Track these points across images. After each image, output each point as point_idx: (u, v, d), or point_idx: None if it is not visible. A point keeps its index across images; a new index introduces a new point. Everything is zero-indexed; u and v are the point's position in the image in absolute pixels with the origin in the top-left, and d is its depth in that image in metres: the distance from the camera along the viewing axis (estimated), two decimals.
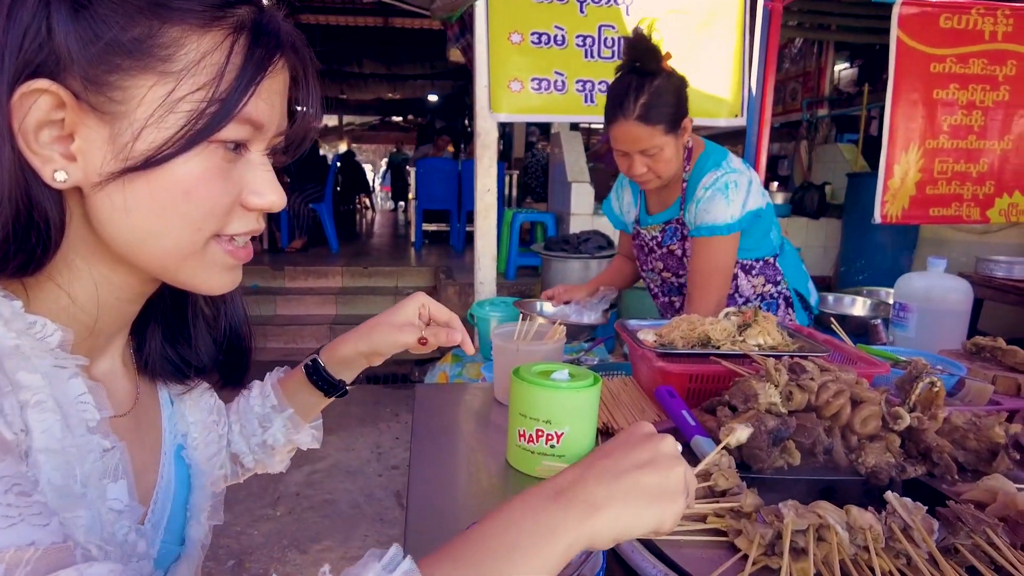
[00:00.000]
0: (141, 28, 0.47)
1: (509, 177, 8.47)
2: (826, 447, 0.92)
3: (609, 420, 1.12)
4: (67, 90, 0.47)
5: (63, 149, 0.49)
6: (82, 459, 0.51)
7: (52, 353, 0.51)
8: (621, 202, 2.03)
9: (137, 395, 0.66)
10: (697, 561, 0.68)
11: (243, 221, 0.56)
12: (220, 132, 0.50)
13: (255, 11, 0.53)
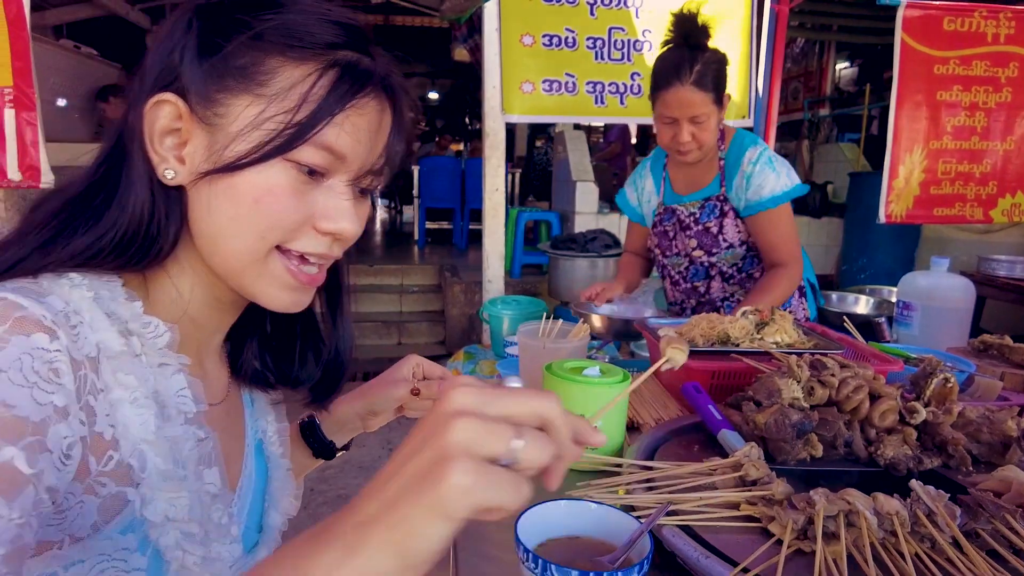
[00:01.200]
0: (249, 57, 0.55)
1: (512, 176, 8.52)
2: (846, 440, 0.96)
3: (634, 415, 1.16)
4: (186, 104, 0.55)
5: (177, 153, 0.56)
6: (180, 447, 0.56)
7: (160, 352, 0.57)
8: (639, 192, 2.04)
9: (228, 391, 0.71)
10: (733, 545, 0.72)
11: (311, 242, 0.60)
12: (294, 153, 0.55)
13: (355, 55, 0.58)
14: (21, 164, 3.05)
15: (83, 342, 0.51)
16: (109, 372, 0.52)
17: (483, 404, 0.40)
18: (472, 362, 2.84)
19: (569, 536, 0.73)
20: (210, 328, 0.67)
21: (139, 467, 0.53)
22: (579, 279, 3.89)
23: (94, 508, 0.50)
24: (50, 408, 0.46)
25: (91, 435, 0.50)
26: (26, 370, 0.45)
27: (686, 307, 2.01)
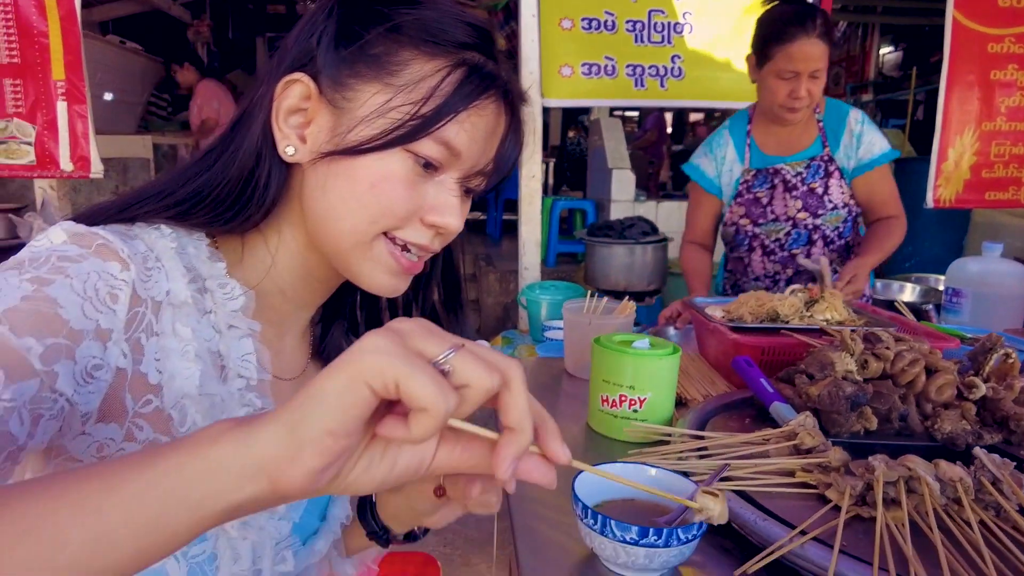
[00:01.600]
0: (384, 47, 0.57)
1: (545, 165, 8.49)
2: (902, 413, 0.95)
3: (682, 391, 1.16)
4: (316, 86, 0.58)
5: (300, 131, 0.59)
6: (231, 410, 0.57)
7: (231, 314, 0.58)
8: (718, 161, 1.94)
9: (305, 369, 0.72)
10: (789, 510, 0.72)
11: (416, 232, 0.61)
12: (414, 144, 0.57)
13: (482, 58, 0.59)
14: (73, 155, 3.16)
15: (153, 284, 0.53)
16: (169, 319, 0.54)
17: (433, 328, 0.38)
18: (510, 347, 2.86)
19: (625, 499, 0.73)
20: (297, 302, 0.68)
21: (179, 420, 0.53)
22: (616, 266, 3.87)
23: None
24: (92, 325, 0.47)
25: (133, 371, 0.51)
26: (88, 285, 0.48)
27: (780, 279, 1.93)
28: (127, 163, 4.54)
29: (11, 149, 3.09)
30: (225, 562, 0.56)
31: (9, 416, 0.41)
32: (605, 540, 0.63)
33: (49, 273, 0.47)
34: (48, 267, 0.47)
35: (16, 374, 0.42)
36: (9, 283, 0.45)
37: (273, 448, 0.33)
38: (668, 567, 0.65)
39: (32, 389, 0.43)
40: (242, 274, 0.62)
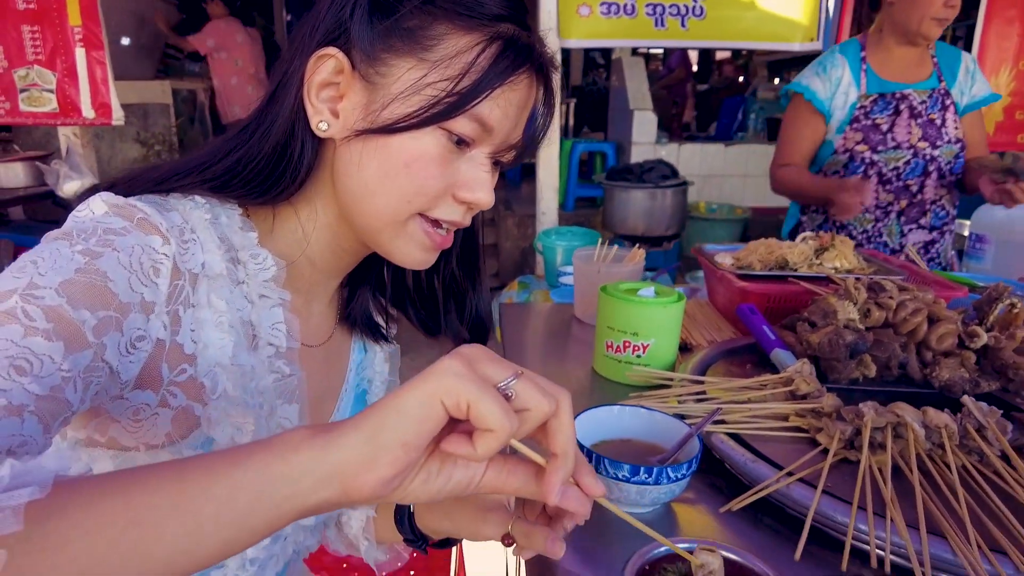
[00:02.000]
0: (418, 20, 0.56)
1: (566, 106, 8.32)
2: (901, 361, 0.97)
3: (687, 337, 1.19)
4: (349, 60, 0.57)
5: (332, 106, 0.58)
6: (262, 376, 0.60)
7: (263, 284, 0.60)
8: (832, 83, 1.85)
9: (332, 335, 0.74)
10: (780, 452, 0.75)
11: (449, 209, 0.61)
12: (450, 122, 0.56)
13: (516, 29, 0.58)
14: (94, 102, 3.17)
15: (190, 257, 0.54)
16: (204, 291, 0.55)
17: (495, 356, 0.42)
18: (526, 291, 2.89)
19: (622, 439, 0.77)
20: (326, 271, 0.69)
21: (211, 388, 0.56)
22: (635, 211, 3.84)
23: (168, 419, 0.55)
24: (138, 298, 0.49)
25: (170, 342, 0.53)
26: (133, 258, 0.49)
27: (891, 210, 1.86)
28: (147, 109, 4.55)
29: (33, 97, 3.13)
30: None
31: (67, 385, 0.43)
32: (600, 477, 0.67)
33: (98, 246, 0.48)
34: (96, 239, 0.48)
35: (73, 346, 0.44)
36: (62, 254, 0.46)
37: (351, 455, 0.36)
38: (659, 503, 0.69)
39: (87, 359, 0.45)
40: (273, 244, 0.63)
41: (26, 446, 0.40)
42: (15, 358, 0.41)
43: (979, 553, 0.57)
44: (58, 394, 0.43)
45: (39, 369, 0.42)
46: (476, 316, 0.77)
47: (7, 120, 3.18)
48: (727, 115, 6.76)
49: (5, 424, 0.39)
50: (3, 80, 3.14)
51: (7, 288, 0.44)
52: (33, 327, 0.42)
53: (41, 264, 0.45)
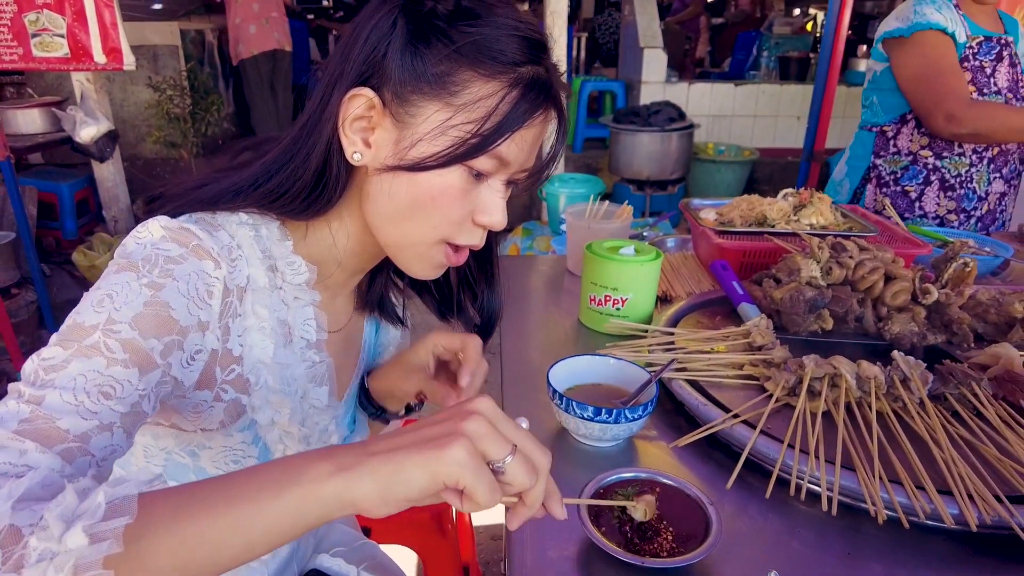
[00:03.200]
0: (445, 67, 0.61)
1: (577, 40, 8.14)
2: (857, 316, 1.06)
3: (668, 288, 1.28)
4: (380, 99, 0.63)
5: (364, 137, 0.64)
6: (296, 366, 0.71)
7: (297, 287, 0.69)
8: (949, 21, 1.76)
9: (351, 319, 0.84)
10: (732, 398, 0.87)
11: (469, 235, 0.68)
12: (473, 161, 0.62)
13: (537, 70, 0.63)
14: (104, 47, 3.21)
15: (238, 273, 0.63)
16: (250, 302, 0.64)
17: (498, 420, 0.48)
18: (530, 238, 2.98)
19: (593, 383, 0.89)
20: (351, 271, 0.77)
21: (255, 382, 0.66)
22: (641, 155, 3.87)
23: (220, 411, 0.65)
24: (195, 320, 0.58)
25: (222, 349, 0.62)
26: (191, 286, 0.58)
27: (984, 156, 1.81)
28: (156, 51, 4.56)
29: (45, 42, 3.17)
30: None
31: (143, 400, 0.54)
32: (568, 416, 0.79)
33: (160, 277, 0.56)
34: (159, 271, 0.57)
35: (146, 369, 0.54)
36: (131, 288, 0.55)
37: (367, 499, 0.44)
38: (620, 439, 0.81)
39: (157, 378, 0.55)
40: (305, 250, 0.71)
41: (115, 453, 0.52)
42: (102, 385, 0.51)
43: (880, 484, 0.68)
44: (137, 409, 0.53)
45: (121, 392, 0.52)
46: (488, 307, 0.86)
47: (21, 65, 3.23)
48: (741, 50, 6.62)
49: (100, 439, 0.50)
50: (14, 25, 3.17)
51: (91, 323, 0.53)
52: (114, 358, 0.52)
53: (116, 298, 0.54)
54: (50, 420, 0.48)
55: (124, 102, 4.66)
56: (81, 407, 0.50)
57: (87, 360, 0.51)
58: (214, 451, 0.69)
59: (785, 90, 5.22)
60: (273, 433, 0.70)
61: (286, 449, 0.72)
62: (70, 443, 0.48)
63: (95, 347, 0.52)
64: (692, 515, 0.65)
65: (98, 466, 0.50)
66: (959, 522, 0.65)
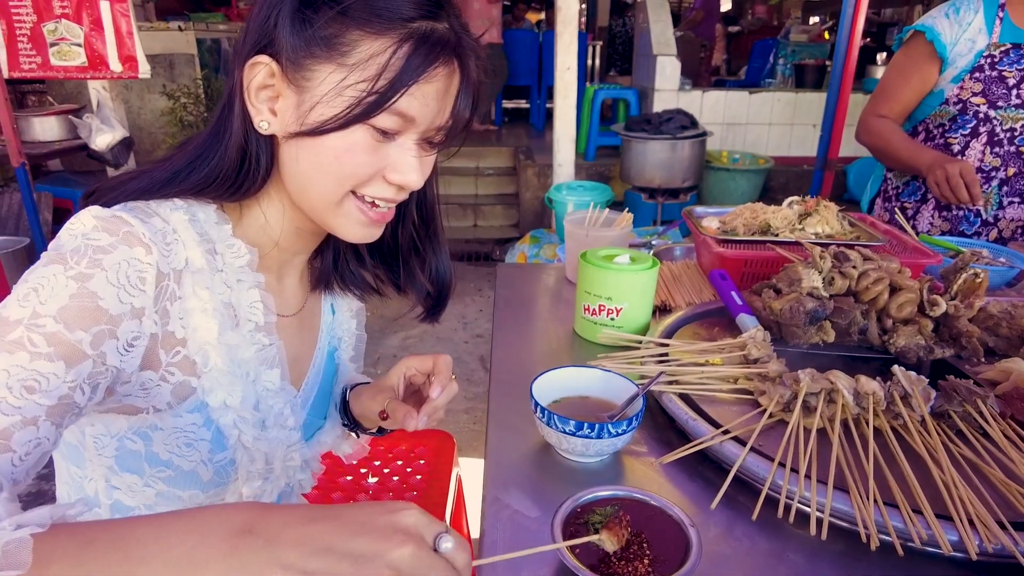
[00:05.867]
0: (334, 28, 0.61)
1: (592, 48, 8.14)
2: (861, 328, 1.03)
3: (667, 298, 1.25)
4: (278, 65, 0.63)
5: (270, 106, 0.65)
6: (245, 349, 0.70)
7: (239, 270, 0.69)
8: (961, 27, 1.69)
9: (304, 303, 0.84)
10: (724, 413, 0.83)
11: (379, 188, 0.68)
12: (372, 119, 0.62)
13: (430, 25, 0.62)
14: (120, 55, 3.24)
15: (174, 257, 0.62)
16: (189, 284, 0.64)
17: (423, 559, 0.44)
18: (537, 246, 2.96)
19: (580, 396, 0.86)
20: (292, 251, 0.78)
21: (202, 363, 0.66)
22: (652, 163, 3.84)
23: (168, 391, 0.65)
24: (128, 307, 0.58)
25: (163, 332, 0.63)
26: (120, 274, 0.57)
27: (994, 177, 1.71)
28: (173, 59, 4.61)
29: (63, 50, 3.21)
30: (243, 463, 0.72)
31: (73, 392, 0.54)
32: (551, 430, 0.76)
33: (88, 268, 0.56)
34: (87, 261, 0.56)
35: (73, 360, 0.54)
36: (58, 281, 0.55)
37: None
38: (604, 454, 0.78)
39: (87, 368, 0.55)
40: (243, 232, 0.72)
41: (41, 446, 0.52)
42: (25, 380, 0.51)
43: (874, 507, 0.64)
44: (66, 400, 0.54)
45: (47, 386, 0.52)
46: (437, 275, 0.86)
47: (39, 74, 3.27)
48: (758, 58, 6.57)
49: (23, 434, 0.51)
50: (33, 34, 3.22)
51: (15, 318, 0.53)
52: (37, 352, 0.52)
53: (41, 292, 0.54)
54: None
55: (141, 110, 4.72)
56: (3, 403, 0.50)
57: (10, 356, 0.52)
58: (165, 433, 0.67)
59: (801, 98, 5.15)
60: (227, 417, 0.69)
61: (241, 434, 0.70)
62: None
63: (18, 342, 0.52)
64: (672, 537, 0.61)
65: (21, 460, 0.51)
66: (958, 549, 0.61)
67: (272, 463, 0.75)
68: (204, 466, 0.70)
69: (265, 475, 0.75)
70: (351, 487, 1.40)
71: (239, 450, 0.71)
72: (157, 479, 0.69)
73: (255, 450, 0.72)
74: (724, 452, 0.75)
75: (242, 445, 0.71)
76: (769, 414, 0.80)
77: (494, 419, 0.90)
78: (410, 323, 3.62)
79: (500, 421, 0.89)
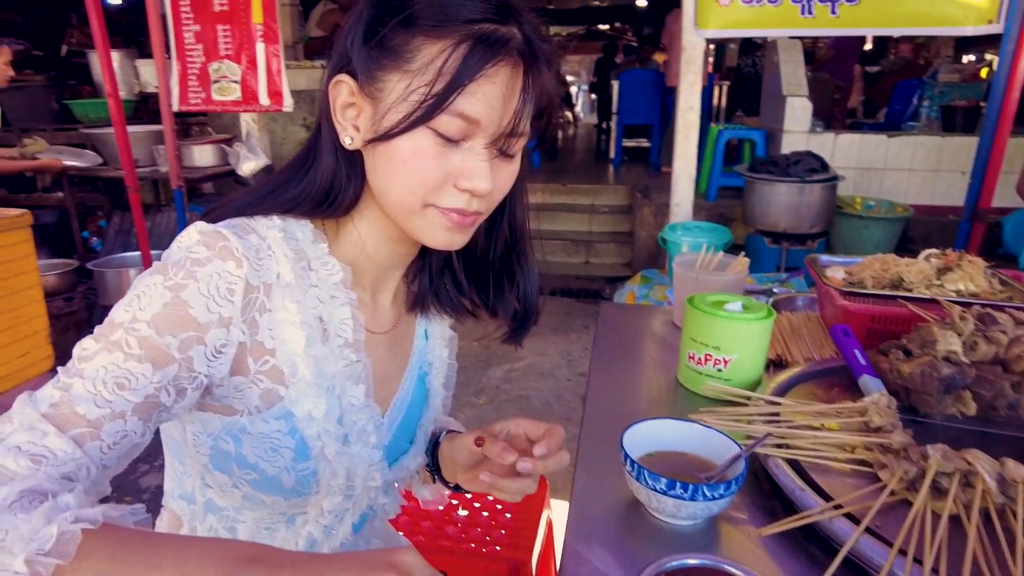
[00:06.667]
0: (400, 38, 0.64)
1: (719, 88, 7.95)
2: (1011, 403, 0.90)
3: (783, 352, 1.17)
4: (355, 82, 0.67)
5: (354, 122, 0.69)
6: (332, 363, 0.72)
7: (333, 286, 0.72)
8: None
9: (397, 323, 0.85)
10: (838, 485, 0.75)
11: (452, 198, 0.67)
12: (433, 122, 0.63)
13: (492, 28, 0.63)
14: (269, 91, 3.57)
15: (265, 271, 0.66)
16: (279, 297, 0.67)
17: None
18: (647, 286, 2.89)
19: (677, 452, 0.81)
20: (385, 264, 0.79)
21: (289, 373, 0.69)
22: (777, 206, 3.64)
23: (256, 395, 0.68)
24: (216, 316, 0.62)
25: (251, 342, 0.66)
26: (211, 285, 0.62)
27: None
28: (314, 95, 5.00)
29: (223, 87, 3.57)
30: (325, 476, 0.73)
31: (159, 392, 0.60)
32: (640, 486, 0.72)
33: (184, 279, 0.61)
34: (183, 273, 0.61)
35: (160, 363, 0.59)
36: (157, 290, 0.61)
37: None
38: (697, 518, 0.72)
39: (173, 371, 0.60)
40: (338, 249, 0.75)
41: (128, 438, 0.59)
42: (118, 377, 0.58)
43: None
44: (152, 399, 0.59)
45: (135, 384, 0.58)
46: (525, 294, 0.84)
47: (201, 107, 3.66)
48: (900, 100, 6.13)
49: (112, 425, 0.57)
50: (201, 73, 3.61)
51: (119, 320, 0.60)
52: (130, 353, 0.59)
53: (142, 298, 0.61)
54: (71, 406, 0.56)
55: (284, 140, 5.14)
56: (98, 396, 0.57)
57: (109, 354, 0.58)
58: (253, 437, 0.70)
59: (948, 142, 4.73)
60: (311, 428, 0.71)
61: (324, 447, 0.72)
62: (83, 428, 0.56)
63: (117, 343, 0.59)
64: None
65: (109, 448, 0.58)
66: None
67: (353, 480, 0.76)
68: (287, 473, 0.72)
69: (346, 491, 0.77)
70: (440, 516, 1.40)
71: (321, 461, 0.73)
72: (244, 481, 0.72)
73: (337, 464, 0.73)
74: (834, 529, 0.67)
75: (324, 457, 0.72)
76: (890, 491, 0.71)
77: (582, 467, 0.86)
78: (514, 355, 3.64)
79: (589, 469, 0.86)
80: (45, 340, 2.06)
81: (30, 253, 1.99)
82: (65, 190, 4.06)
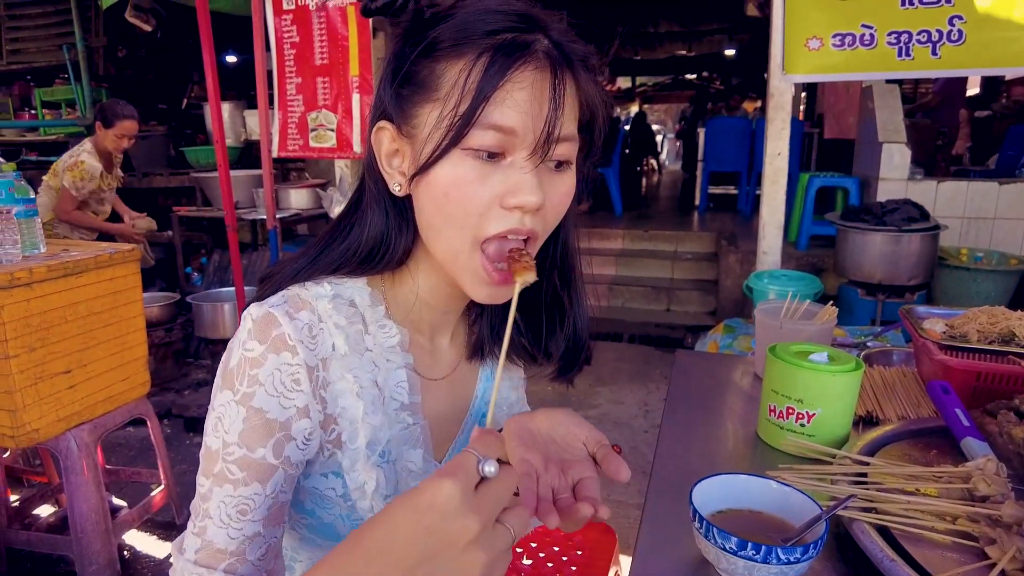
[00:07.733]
0: (425, 70, 0.63)
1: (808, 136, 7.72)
2: None
3: (874, 408, 1.08)
4: (393, 126, 0.66)
5: (401, 168, 0.67)
6: (390, 427, 0.71)
7: (389, 349, 0.71)
8: None
9: (457, 366, 0.82)
10: (935, 558, 0.68)
11: (501, 220, 0.62)
12: (466, 140, 0.60)
13: (511, 35, 0.60)
14: (362, 138, 3.76)
15: (320, 347, 0.66)
16: (337, 368, 0.67)
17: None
18: (731, 336, 2.78)
19: (751, 510, 0.75)
20: (440, 308, 0.77)
21: (349, 439, 0.69)
22: (871, 256, 3.45)
23: (320, 458, 0.69)
24: (293, 409, 0.63)
25: (324, 416, 0.67)
26: (276, 383, 0.62)
27: None
28: None
29: (320, 135, 3.80)
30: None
31: (276, 498, 0.64)
32: (709, 545, 0.67)
33: (248, 387, 0.62)
34: (247, 380, 0.62)
35: (265, 476, 0.63)
36: (231, 409, 0.62)
37: None
38: None
39: (280, 477, 0.64)
40: (395, 302, 0.74)
41: (271, 544, 0.64)
42: (238, 506, 0.62)
43: None
44: (274, 507, 0.64)
45: (254, 505, 0.63)
46: (574, 328, 0.80)
47: (299, 154, 3.90)
48: (1013, 145, 5.73)
49: (252, 546, 0.63)
50: (300, 121, 3.86)
51: (215, 448, 0.63)
52: (236, 480, 0.62)
53: (224, 420, 0.63)
54: (212, 547, 0.62)
55: None
56: (230, 529, 0.62)
57: (220, 488, 0.62)
58: (306, 490, 0.71)
59: None
60: (364, 502, 0.70)
61: (374, 507, 0.70)
62: (230, 559, 0.62)
63: (222, 475, 0.62)
64: None
65: (260, 560, 0.63)
66: None
67: None
68: (342, 521, 0.72)
69: None
70: None
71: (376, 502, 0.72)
72: (301, 524, 0.73)
73: None
74: None
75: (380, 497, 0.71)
76: (1000, 571, 0.63)
77: (649, 522, 0.82)
78: (588, 404, 3.57)
79: (656, 525, 0.82)
80: (144, 367, 2.19)
81: (136, 286, 2.14)
82: (175, 230, 4.40)
